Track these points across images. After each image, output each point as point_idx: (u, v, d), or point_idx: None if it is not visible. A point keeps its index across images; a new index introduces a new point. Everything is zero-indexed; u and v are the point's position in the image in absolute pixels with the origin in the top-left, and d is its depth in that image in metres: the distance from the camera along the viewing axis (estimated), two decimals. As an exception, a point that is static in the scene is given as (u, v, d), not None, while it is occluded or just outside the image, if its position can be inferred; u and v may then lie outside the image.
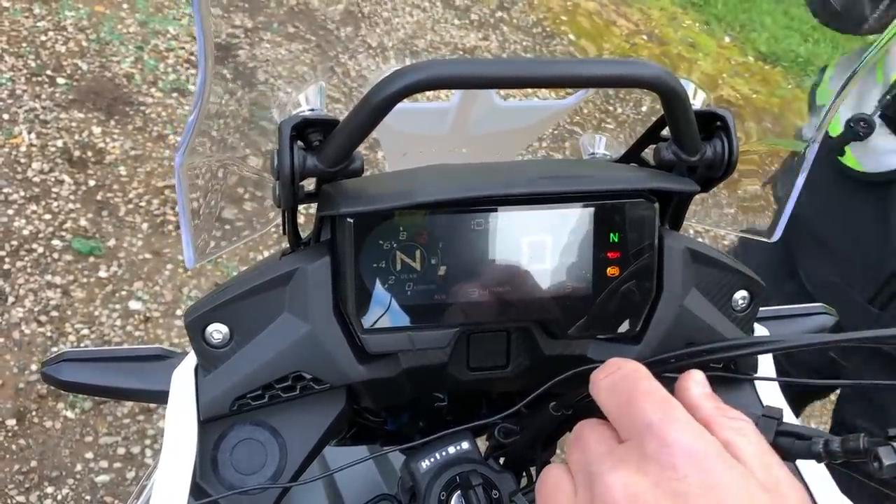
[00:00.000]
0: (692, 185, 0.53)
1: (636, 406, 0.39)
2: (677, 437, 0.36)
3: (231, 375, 0.53)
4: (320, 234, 0.55)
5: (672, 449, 0.36)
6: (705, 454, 0.36)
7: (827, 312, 0.70)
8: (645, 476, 0.36)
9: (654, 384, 0.41)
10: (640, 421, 0.38)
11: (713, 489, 0.34)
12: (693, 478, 0.35)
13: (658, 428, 0.37)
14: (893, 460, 0.42)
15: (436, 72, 0.43)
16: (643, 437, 0.37)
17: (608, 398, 0.42)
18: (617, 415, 0.41)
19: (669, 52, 4.21)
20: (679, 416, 0.38)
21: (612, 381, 0.42)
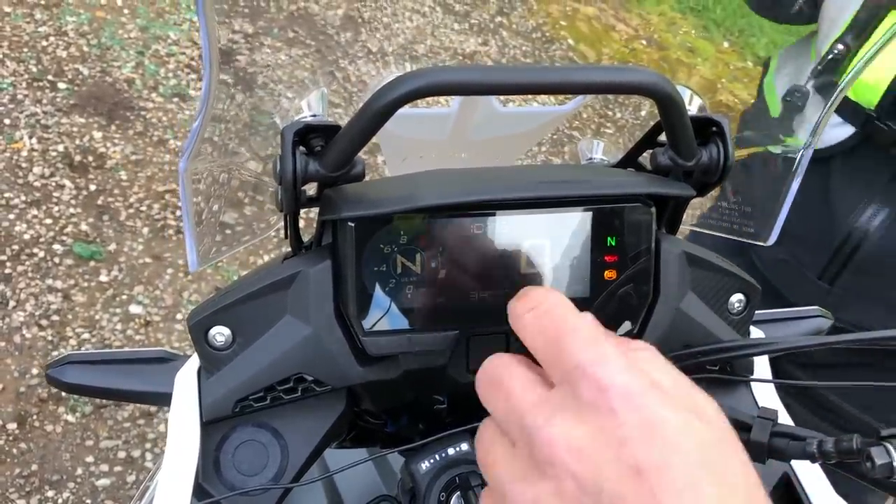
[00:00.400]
0: (688, 189, 0.54)
1: (565, 345, 0.37)
2: (612, 380, 0.35)
3: (233, 377, 0.54)
4: (322, 238, 0.56)
5: (609, 393, 0.34)
6: (641, 393, 0.35)
7: (823, 315, 0.71)
8: (586, 426, 0.34)
9: (581, 319, 0.39)
10: (570, 361, 0.36)
11: (654, 428, 0.33)
12: (633, 421, 0.34)
13: (591, 370, 0.35)
14: (885, 460, 0.43)
15: (436, 78, 0.44)
16: (577, 381, 0.36)
17: (534, 336, 0.40)
18: (545, 355, 0.39)
19: (668, 58, 4.23)
20: (610, 353, 0.36)
21: (536, 317, 0.40)
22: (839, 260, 1.12)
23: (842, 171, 1.11)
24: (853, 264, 1.11)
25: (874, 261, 1.09)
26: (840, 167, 1.11)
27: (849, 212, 1.09)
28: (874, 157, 1.06)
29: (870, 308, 1.11)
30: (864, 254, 1.09)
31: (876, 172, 1.07)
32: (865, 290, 1.12)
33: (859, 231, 1.08)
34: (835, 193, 1.11)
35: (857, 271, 1.11)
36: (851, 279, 1.12)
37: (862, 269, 1.10)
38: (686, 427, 0.34)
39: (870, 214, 1.08)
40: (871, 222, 1.08)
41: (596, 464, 0.33)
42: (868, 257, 1.09)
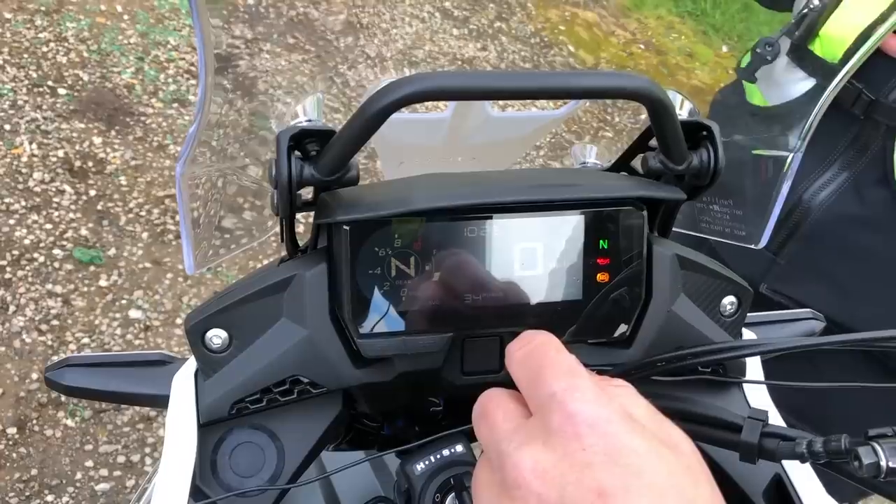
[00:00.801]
0: (679, 193, 0.55)
1: (542, 377, 0.39)
2: (579, 408, 0.37)
3: (230, 380, 0.54)
4: (317, 241, 0.57)
5: (575, 419, 0.36)
6: (608, 420, 0.36)
7: (815, 318, 0.71)
8: (552, 451, 0.36)
9: (562, 355, 0.41)
10: (545, 392, 0.39)
11: (619, 454, 0.35)
12: (598, 446, 0.35)
13: (560, 398, 0.37)
14: (872, 459, 0.44)
15: (428, 84, 0.45)
16: (548, 409, 0.38)
17: (519, 370, 0.42)
18: (526, 387, 0.41)
19: (667, 62, 4.24)
20: (582, 384, 0.38)
21: (524, 354, 0.43)
22: (785, 230, 1.08)
23: None
24: (799, 234, 1.07)
25: (820, 230, 1.05)
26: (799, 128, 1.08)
27: (804, 177, 1.05)
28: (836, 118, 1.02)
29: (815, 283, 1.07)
30: (812, 223, 1.05)
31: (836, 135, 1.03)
32: (812, 263, 1.08)
33: (808, 200, 1.05)
34: None
35: (803, 241, 1.07)
36: (797, 250, 1.08)
37: (809, 239, 1.06)
38: (653, 454, 0.35)
39: (825, 180, 1.04)
40: (823, 191, 1.04)
41: (559, 486, 0.35)
42: (814, 226, 1.05)
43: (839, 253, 1.05)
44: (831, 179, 1.04)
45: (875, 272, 1.02)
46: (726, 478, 0.58)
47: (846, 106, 1.01)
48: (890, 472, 0.43)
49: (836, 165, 1.03)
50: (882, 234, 1.00)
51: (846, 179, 1.02)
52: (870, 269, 1.02)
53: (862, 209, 1.01)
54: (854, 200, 1.02)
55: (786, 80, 1.07)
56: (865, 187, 1.01)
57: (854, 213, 1.01)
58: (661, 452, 0.36)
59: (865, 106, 0.99)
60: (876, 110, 0.98)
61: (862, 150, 1.01)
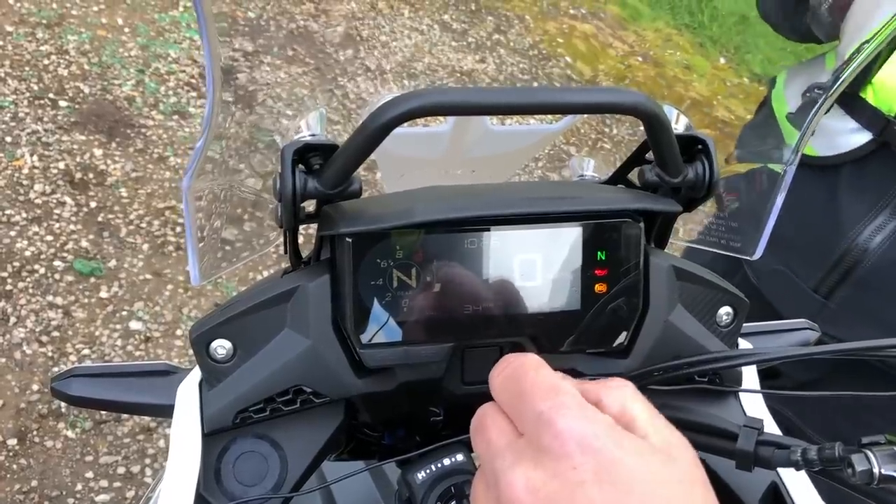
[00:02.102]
0: (675, 205, 0.56)
1: (526, 398, 0.40)
2: (567, 425, 0.37)
3: (234, 389, 0.55)
4: (320, 253, 0.57)
5: (564, 437, 0.37)
6: (596, 436, 0.36)
7: (810, 328, 0.72)
8: (543, 469, 0.37)
9: (542, 373, 0.41)
10: (531, 412, 0.39)
11: (609, 470, 0.35)
12: (588, 464, 0.36)
13: (547, 417, 0.38)
14: (865, 467, 0.44)
15: (429, 100, 0.46)
16: (537, 429, 0.38)
17: (502, 394, 0.43)
18: (511, 409, 0.41)
19: (665, 74, 4.26)
20: (567, 401, 0.39)
21: (504, 377, 0.43)
22: (838, 272, 1.07)
23: (852, 180, 1.05)
24: (853, 278, 1.05)
25: (875, 275, 1.04)
26: (850, 175, 1.06)
27: (855, 222, 1.04)
28: (889, 165, 1.02)
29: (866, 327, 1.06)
30: (865, 267, 1.04)
31: (889, 180, 1.02)
32: (863, 306, 1.07)
33: (861, 243, 1.03)
34: (842, 202, 1.06)
35: (856, 286, 1.06)
36: (849, 294, 1.07)
37: (862, 283, 1.05)
38: (645, 468, 0.36)
39: (877, 226, 1.02)
40: (876, 235, 1.02)
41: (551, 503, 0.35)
42: (870, 271, 1.04)
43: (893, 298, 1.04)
44: (883, 225, 1.03)
45: None
46: (723, 486, 0.59)
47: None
48: (883, 479, 0.44)
49: (888, 211, 1.02)
50: None
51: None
52: None
53: None
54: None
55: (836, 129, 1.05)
56: None
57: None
58: (652, 464, 0.36)
59: None
60: None
61: None
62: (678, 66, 4.34)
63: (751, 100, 4.16)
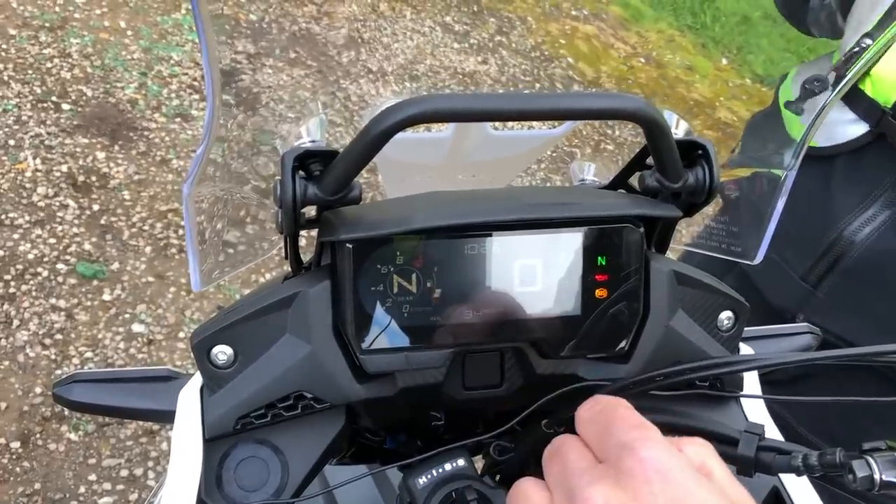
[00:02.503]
0: (675, 210, 0.56)
1: (613, 429, 0.42)
2: (651, 454, 0.39)
3: (235, 395, 0.55)
4: (321, 258, 0.58)
5: (647, 464, 0.38)
6: (679, 469, 0.38)
7: (811, 332, 0.72)
8: (623, 490, 0.38)
9: (630, 412, 0.43)
10: (617, 441, 0.41)
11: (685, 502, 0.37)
12: (667, 493, 0.37)
13: (633, 446, 0.39)
14: (866, 473, 0.44)
15: (428, 107, 0.46)
16: (620, 455, 0.40)
17: (587, 427, 0.44)
18: (596, 440, 0.43)
19: (667, 75, 4.26)
20: (653, 436, 0.40)
21: (593, 413, 0.45)
22: (826, 262, 1.07)
23: (846, 170, 1.06)
24: (840, 267, 1.06)
25: (862, 265, 1.04)
26: (844, 166, 1.06)
27: (846, 212, 1.04)
28: (884, 156, 1.02)
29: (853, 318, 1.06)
30: (852, 257, 1.05)
31: (883, 172, 1.02)
32: (849, 296, 1.07)
33: (848, 237, 1.04)
34: (836, 192, 1.06)
35: (843, 275, 1.06)
36: (836, 284, 1.07)
37: (849, 273, 1.06)
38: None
39: (867, 217, 1.03)
40: (867, 225, 1.03)
41: None
42: (857, 261, 1.04)
43: (879, 288, 1.04)
44: (874, 216, 1.03)
45: None
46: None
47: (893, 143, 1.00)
48: (884, 485, 0.44)
49: (880, 202, 1.02)
50: None
51: (889, 216, 1.02)
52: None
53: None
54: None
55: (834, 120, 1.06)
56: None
57: None
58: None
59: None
60: None
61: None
62: (680, 68, 4.33)
63: (753, 101, 4.16)
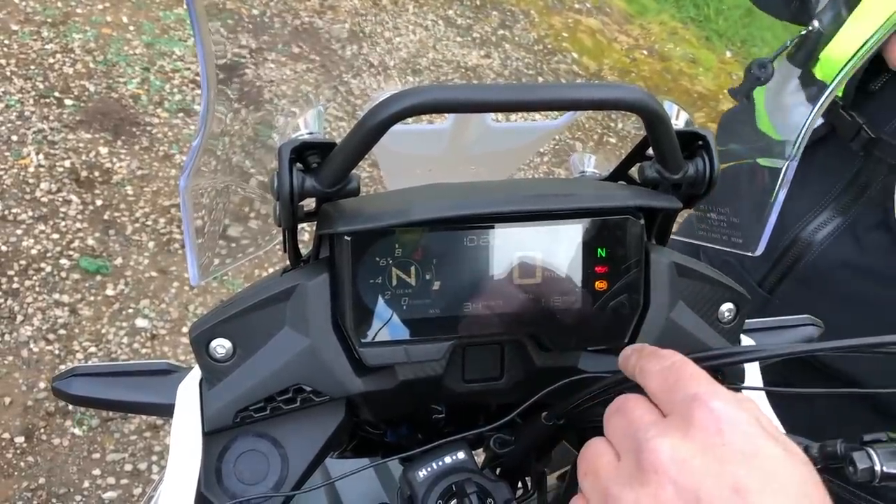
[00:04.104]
0: (675, 202, 0.55)
1: (683, 383, 0.42)
2: (721, 406, 0.39)
3: (234, 388, 0.55)
4: (319, 251, 0.57)
5: (718, 415, 0.38)
6: (747, 422, 0.38)
7: (814, 324, 0.72)
8: (692, 441, 0.38)
9: (700, 370, 0.43)
10: (686, 394, 0.41)
11: (757, 455, 0.37)
12: (737, 444, 0.37)
13: (704, 397, 0.39)
14: (867, 464, 0.44)
15: (425, 98, 0.46)
16: (689, 407, 0.40)
17: (656, 380, 0.44)
18: (663, 393, 0.43)
19: (671, 68, 4.24)
20: (721, 390, 0.40)
21: (663, 367, 0.44)
22: (781, 268, 1.04)
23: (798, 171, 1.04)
24: (794, 274, 1.03)
25: (817, 273, 1.00)
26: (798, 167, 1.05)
27: (798, 217, 1.01)
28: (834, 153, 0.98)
29: None
30: (806, 264, 1.01)
31: (833, 175, 0.98)
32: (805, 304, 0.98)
33: (804, 239, 1.00)
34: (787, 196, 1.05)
35: (798, 282, 1.03)
36: (792, 290, 1.04)
37: (803, 280, 1.02)
38: (786, 461, 0.37)
39: (820, 222, 1.00)
40: (819, 231, 0.99)
41: (697, 476, 0.37)
42: (810, 268, 1.01)
43: (834, 298, 1.00)
44: (827, 221, 1.00)
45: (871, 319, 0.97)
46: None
47: (845, 141, 0.96)
48: (884, 477, 0.44)
49: (832, 208, 0.99)
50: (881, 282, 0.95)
51: (843, 223, 0.98)
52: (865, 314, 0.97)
53: (861, 256, 0.96)
54: (852, 245, 0.97)
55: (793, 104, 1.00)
56: (864, 231, 0.96)
57: (851, 259, 0.97)
58: (793, 461, 0.38)
59: (865, 142, 0.94)
60: (877, 147, 0.93)
61: (861, 190, 0.96)
62: (684, 61, 4.32)
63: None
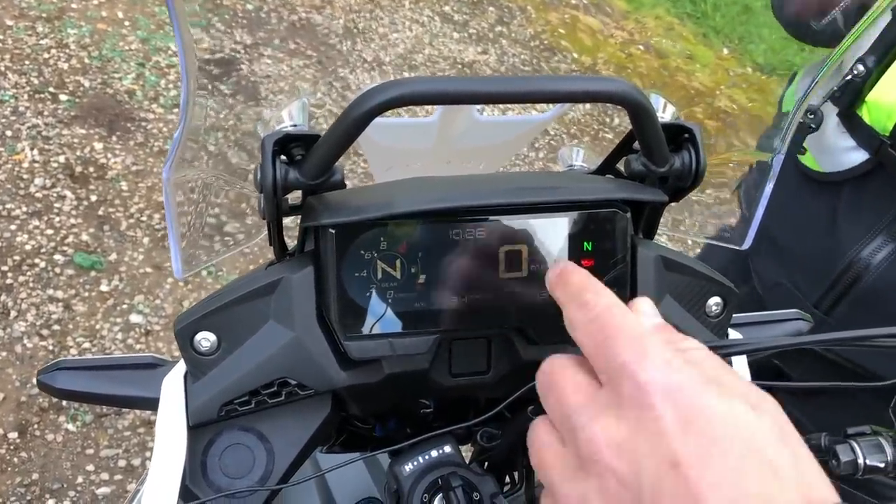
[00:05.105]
0: (661, 195, 0.55)
1: (610, 347, 0.38)
2: (651, 376, 0.35)
3: (219, 382, 0.55)
4: (304, 244, 0.57)
5: (647, 388, 0.35)
6: (681, 387, 0.35)
7: (802, 318, 0.71)
8: (626, 422, 0.35)
9: (628, 318, 0.39)
10: (615, 361, 0.37)
11: (695, 421, 0.34)
12: (672, 414, 0.34)
13: (632, 368, 0.36)
14: (850, 457, 0.44)
15: (409, 89, 0.45)
16: (619, 379, 0.37)
17: (585, 338, 0.40)
18: (594, 355, 0.39)
19: (668, 65, 4.24)
20: (651, 351, 0.37)
21: (588, 319, 0.40)
22: (837, 290, 1.06)
23: (851, 199, 1.05)
24: (851, 296, 1.05)
25: (874, 295, 1.03)
26: (849, 194, 1.06)
27: (854, 242, 1.04)
28: (886, 186, 1.01)
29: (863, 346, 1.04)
30: (863, 286, 1.04)
31: (886, 203, 1.01)
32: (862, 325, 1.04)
33: (861, 262, 1.03)
34: (841, 221, 1.06)
35: (855, 304, 1.05)
36: (849, 312, 1.07)
37: (860, 302, 1.05)
38: (731, 418, 0.34)
39: (875, 247, 1.02)
40: (875, 255, 1.02)
41: (634, 459, 0.34)
42: (868, 291, 1.03)
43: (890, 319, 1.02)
44: (882, 245, 1.02)
45: None
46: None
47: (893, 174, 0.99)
48: (867, 469, 0.44)
49: (884, 234, 1.02)
50: None
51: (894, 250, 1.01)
52: None
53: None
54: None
55: (836, 146, 1.05)
56: None
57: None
58: (740, 413, 0.34)
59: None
60: None
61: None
62: (681, 57, 4.32)
63: (753, 89, 4.15)
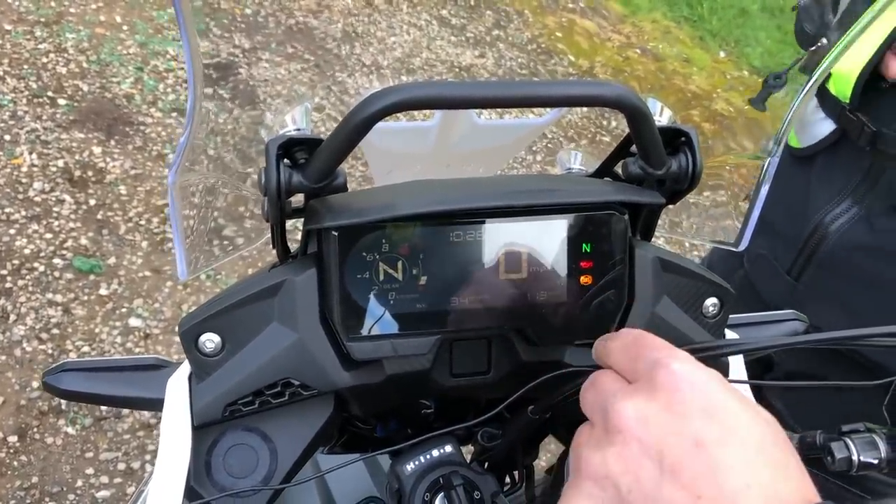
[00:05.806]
0: (658, 197, 0.56)
1: (644, 352, 0.44)
2: (681, 367, 0.41)
3: (223, 383, 0.56)
4: (307, 247, 0.58)
5: (677, 376, 0.40)
6: (707, 381, 0.40)
7: (798, 319, 0.72)
8: (655, 401, 0.40)
9: (658, 339, 0.45)
10: (648, 360, 0.43)
11: (717, 411, 0.39)
12: (698, 401, 0.39)
13: (664, 361, 0.41)
14: (844, 454, 0.45)
15: (410, 94, 0.46)
16: (652, 371, 0.42)
17: (619, 356, 0.46)
18: (627, 364, 0.45)
19: (665, 68, 4.26)
20: (682, 354, 0.43)
21: (623, 343, 0.46)
22: (805, 255, 1.12)
23: (822, 169, 1.11)
24: (816, 260, 1.11)
25: (835, 258, 1.08)
26: (821, 164, 1.12)
27: (820, 208, 1.09)
28: (850, 153, 1.06)
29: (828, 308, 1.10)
30: (825, 250, 1.09)
31: (853, 169, 1.07)
32: (825, 288, 1.12)
33: (824, 226, 1.09)
34: (814, 189, 1.12)
35: (819, 267, 1.11)
36: (814, 275, 1.12)
37: (824, 265, 1.10)
38: (747, 418, 0.39)
39: (839, 211, 1.07)
40: (838, 219, 1.07)
41: (660, 433, 0.39)
42: (829, 254, 1.09)
43: (851, 280, 1.08)
44: (845, 210, 1.07)
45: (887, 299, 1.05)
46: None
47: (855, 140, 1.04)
48: (862, 466, 0.45)
49: (849, 199, 1.07)
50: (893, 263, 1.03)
51: (858, 212, 1.06)
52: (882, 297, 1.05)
53: (873, 238, 1.04)
54: (866, 230, 1.05)
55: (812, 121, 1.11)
56: (876, 217, 1.04)
57: (865, 241, 1.05)
58: (753, 416, 0.39)
59: (870, 138, 1.01)
60: (880, 140, 1.01)
61: (873, 181, 1.04)
62: (678, 60, 4.33)
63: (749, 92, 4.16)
